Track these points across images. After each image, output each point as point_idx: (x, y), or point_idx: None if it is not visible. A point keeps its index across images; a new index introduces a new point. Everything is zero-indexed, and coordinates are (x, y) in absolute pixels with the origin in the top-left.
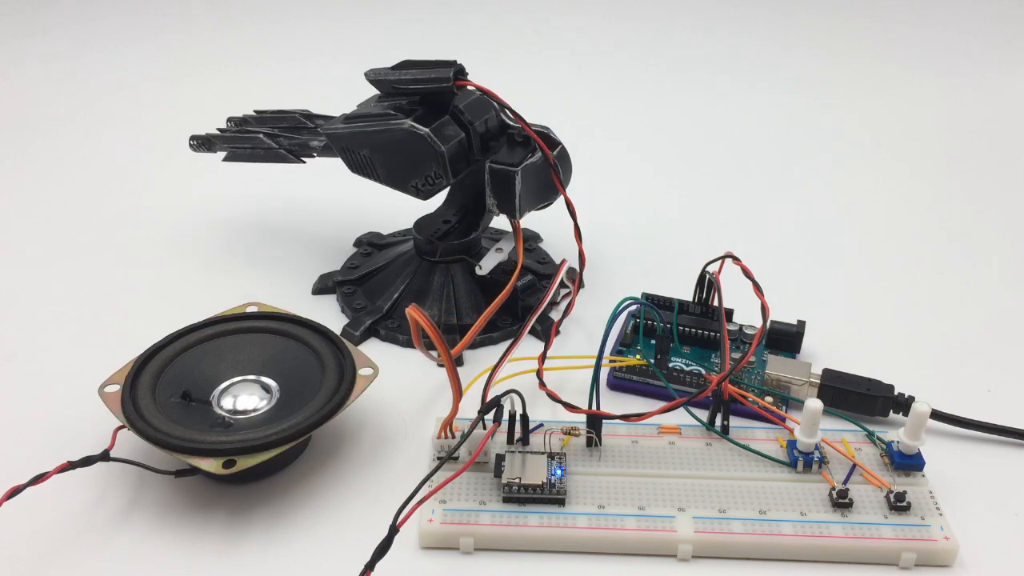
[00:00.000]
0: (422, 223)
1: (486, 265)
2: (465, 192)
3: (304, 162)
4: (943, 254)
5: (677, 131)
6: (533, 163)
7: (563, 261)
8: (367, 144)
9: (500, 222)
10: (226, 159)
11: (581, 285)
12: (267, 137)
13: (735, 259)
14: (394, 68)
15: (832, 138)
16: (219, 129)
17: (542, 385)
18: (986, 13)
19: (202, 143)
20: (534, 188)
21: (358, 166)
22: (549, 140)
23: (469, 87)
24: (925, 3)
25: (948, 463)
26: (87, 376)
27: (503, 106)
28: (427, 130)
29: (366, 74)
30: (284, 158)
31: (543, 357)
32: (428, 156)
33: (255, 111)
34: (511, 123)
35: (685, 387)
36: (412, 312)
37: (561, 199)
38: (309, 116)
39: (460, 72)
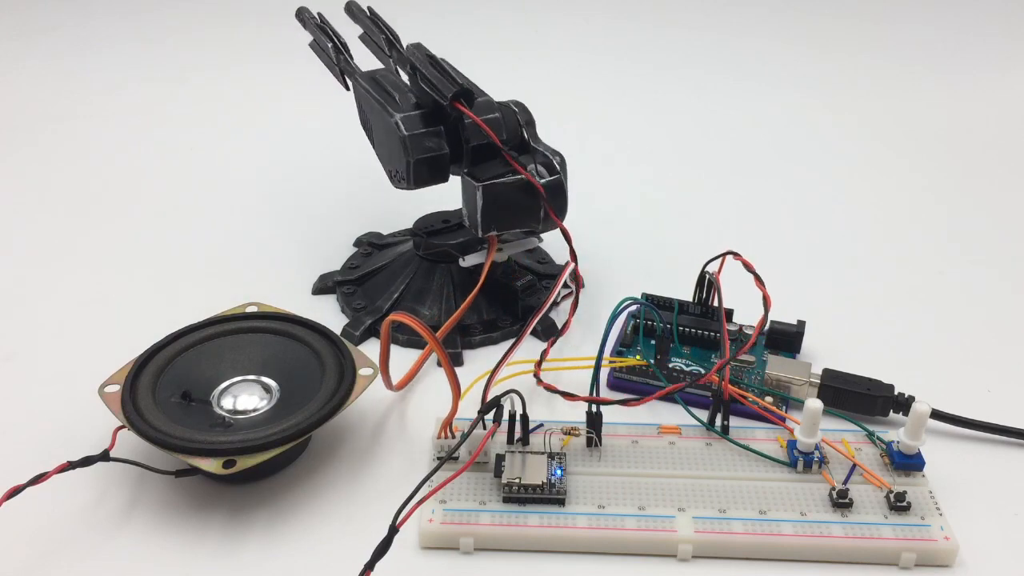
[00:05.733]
0: (421, 220)
1: (469, 259)
2: None
3: (348, 88)
4: (943, 254)
5: (677, 131)
6: (506, 183)
7: (567, 263)
8: (372, 112)
9: None
10: (310, 45)
11: (581, 286)
12: (333, 50)
13: (735, 255)
14: (429, 57)
15: (832, 137)
16: (319, 14)
17: (540, 382)
18: (986, 13)
19: (302, 19)
20: (508, 209)
21: (363, 124)
22: (550, 168)
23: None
24: (925, 3)
25: (948, 463)
26: (87, 376)
27: (490, 137)
28: (407, 134)
29: (408, 46)
30: (336, 75)
31: (539, 363)
32: (400, 155)
33: (369, 8)
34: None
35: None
36: (401, 318)
37: (552, 232)
38: (391, 43)
39: (463, 95)
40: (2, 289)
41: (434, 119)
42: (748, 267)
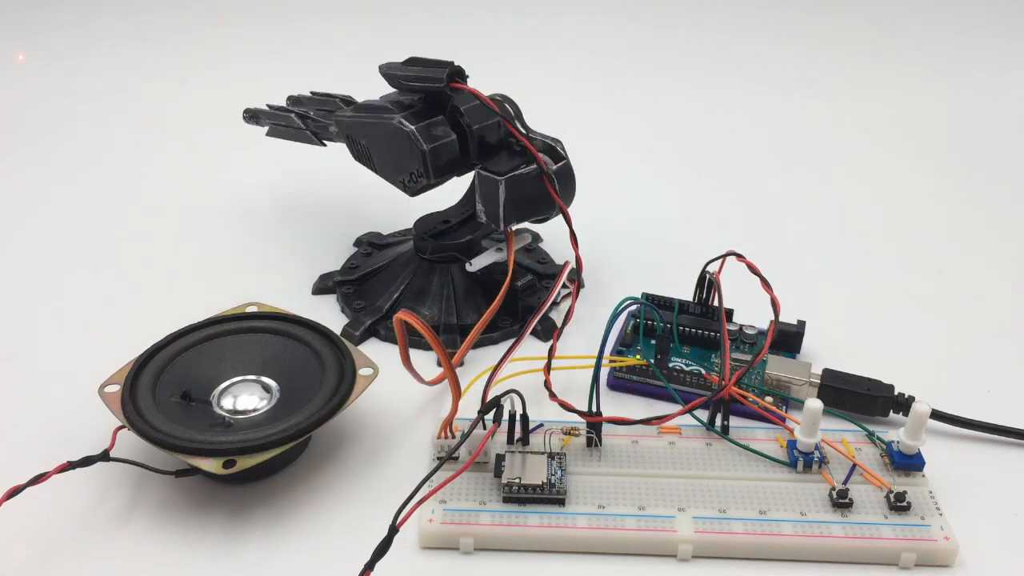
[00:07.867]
0: (421, 221)
1: (477, 262)
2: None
3: (325, 145)
4: (943, 254)
5: (677, 131)
6: (525, 174)
7: (566, 263)
8: (365, 135)
9: None
10: (268, 134)
11: (581, 285)
12: (298, 118)
13: (739, 256)
14: (404, 63)
15: (832, 138)
16: (268, 105)
17: (553, 396)
18: (986, 13)
19: (252, 116)
20: (526, 200)
21: (358, 155)
22: (555, 154)
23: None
24: (925, 3)
25: (948, 463)
26: (87, 376)
27: (496, 114)
28: (413, 128)
29: (380, 67)
30: (309, 139)
31: (548, 368)
32: (412, 153)
33: (311, 92)
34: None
35: (685, 387)
36: (404, 317)
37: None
38: (347, 101)
39: (457, 74)
40: (2, 289)
41: (432, 111)
42: (753, 269)
